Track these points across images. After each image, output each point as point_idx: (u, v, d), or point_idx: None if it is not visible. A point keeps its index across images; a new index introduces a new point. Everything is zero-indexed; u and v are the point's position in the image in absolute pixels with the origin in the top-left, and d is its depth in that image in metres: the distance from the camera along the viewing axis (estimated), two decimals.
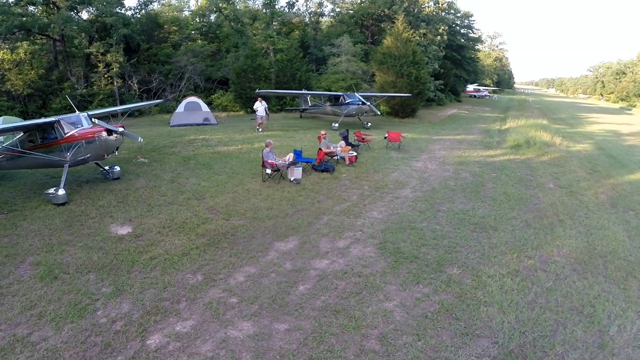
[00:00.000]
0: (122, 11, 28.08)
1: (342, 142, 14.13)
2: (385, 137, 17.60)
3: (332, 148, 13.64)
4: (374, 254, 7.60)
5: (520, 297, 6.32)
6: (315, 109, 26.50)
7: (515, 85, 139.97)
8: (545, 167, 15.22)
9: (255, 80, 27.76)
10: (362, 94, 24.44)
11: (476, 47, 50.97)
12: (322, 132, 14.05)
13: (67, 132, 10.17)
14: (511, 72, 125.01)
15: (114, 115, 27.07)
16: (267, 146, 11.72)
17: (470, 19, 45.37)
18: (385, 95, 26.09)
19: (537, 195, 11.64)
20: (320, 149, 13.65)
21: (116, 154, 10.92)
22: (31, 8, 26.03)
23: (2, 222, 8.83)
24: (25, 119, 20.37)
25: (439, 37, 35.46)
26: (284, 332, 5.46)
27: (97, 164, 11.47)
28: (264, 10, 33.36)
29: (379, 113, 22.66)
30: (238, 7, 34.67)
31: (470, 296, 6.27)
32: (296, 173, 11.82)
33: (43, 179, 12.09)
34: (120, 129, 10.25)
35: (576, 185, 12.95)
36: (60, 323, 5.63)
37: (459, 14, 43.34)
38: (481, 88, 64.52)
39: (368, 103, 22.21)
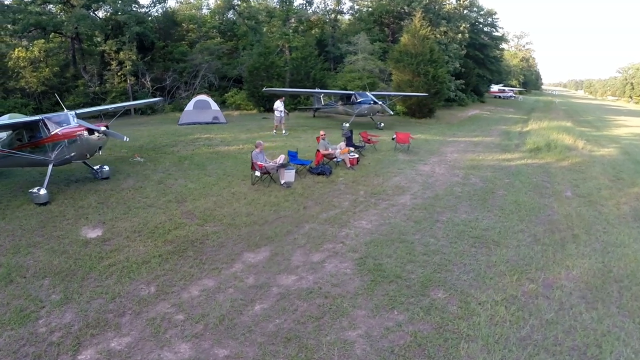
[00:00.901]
0: (137, 9, 27.86)
1: (342, 144, 13.24)
2: (393, 139, 16.59)
3: (330, 150, 12.78)
4: (349, 271, 6.73)
5: (513, 331, 5.33)
6: (327, 109, 25.65)
7: (542, 87, 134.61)
8: (565, 173, 13.89)
9: (268, 79, 27.16)
10: (375, 92, 23.44)
11: (500, 46, 48.73)
12: (322, 132, 13.23)
13: (52, 132, 9.80)
14: (538, 72, 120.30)
15: (126, 112, 27.32)
16: (256, 147, 11.00)
17: (493, 16, 43.33)
18: (399, 95, 24.97)
19: (551, 205, 10.45)
20: (318, 150, 12.83)
21: (100, 153, 10.45)
22: (50, 7, 26.21)
23: None
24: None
25: (460, 35, 33.85)
26: (222, 359, 4.70)
27: (85, 163, 11.04)
28: (280, 8, 32.64)
29: (391, 113, 21.63)
30: (253, 4, 34.11)
31: (451, 328, 5.32)
32: (287, 176, 11.04)
33: (38, 177, 11.72)
34: (103, 128, 9.75)
35: (596, 194, 11.63)
36: (1, 330, 5.26)
37: (482, 12, 41.41)
38: (506, 89, 62.03)
39: (380, 102, 21.20)
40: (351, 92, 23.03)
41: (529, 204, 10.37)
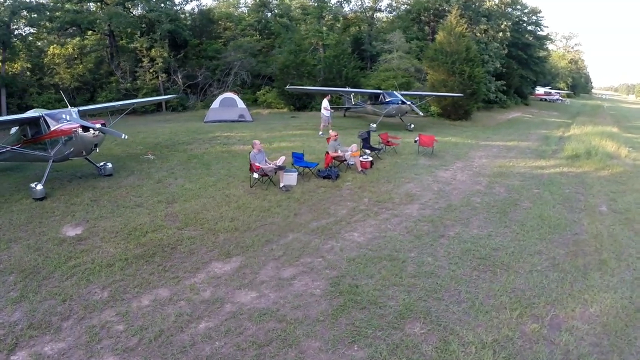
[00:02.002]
0: (169, 7, 28.08)
1: (354, 146, 12.29)
2: (415, 141, 15.39)
3: (339, 152, 11.88)
4: (319, 292, 5.88)
5: None
6: (357, 108, 24.64)
7: (592, 91, 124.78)
8: (602, 184, 12.16)
9: (298, 77, 26.55)
10: (405, 92, 22.19)
11: (545, 46, 45.22)
12: (332, 132, 12.34)
13: (52, 128, 9.68)
14: (588, 75, 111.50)
15: (158, 109, 27.68)
16: (253, 147, 10.32)
17: (538, 15, 40.13)
18: (431, 95, 23.51)
19: (580, 222, 9.01)
20: (327, 152, 11.99)
21: (97, 151, 10.19)
22: (89, 5, 27.00)
23: None
24: None
25: (500, 34, 31.49)
26: None
27: (88, 159, 10.90)
28: (314, 4, 31.88)
29: (421, 114, 20.29)
30: (287, 1, 33.58)
31: None
32: (286, 179, 10.31)
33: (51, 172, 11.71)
34: (98, 126, 9.46)
35: (635, 210, 9.95)
36: None
37: (525, 10, 38.47)
38: (553, 91, 57.94)
39: (409, 102, 19.95)
40: (379, 91, 21.89)
41: (555, 220, 8.98)
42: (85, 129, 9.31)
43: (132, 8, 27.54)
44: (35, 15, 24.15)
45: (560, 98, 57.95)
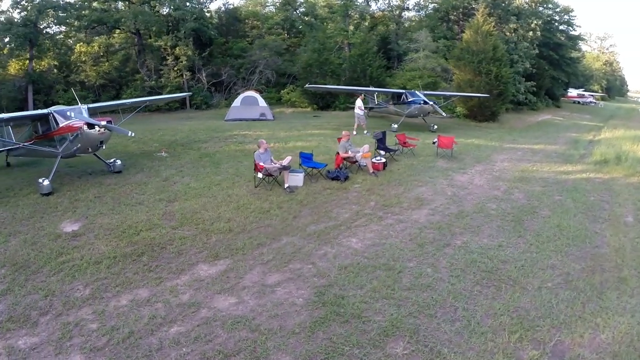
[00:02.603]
0: (193, 6, 28.22)
1: (366, 147, 11.80)
2: (434, 143, 14.70)
3: (350, 152, 11.42)
4: (301, 301, 5.51)
5: None
6: (380, 108, 24.01)
7: (628, 93, 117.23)
8: (631, 192, 11.12)
9: (321, 76, 26.18)
10: (429, 92, 21.40)
11: (577, 46, 42.72)
12: (344, 132, 11.88)
13: (60, 125, 9.77)
14: (623, 78, 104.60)
15: (182, 106, 27.95)
16: (259, 147, 10.03)
17: (570, 14, 37.89)
18: (455, 95, 22.57)
19: (602, 233, 8.19)
20: (337, 152, 11.56)
21: (103, 147, 10.20)
22: (118, 4, 27.57)
23: None
24: None
25: (531, 33, 29.87)
26: None
27: (97, 156, 10.95)
28: (340, 3, 31.34)
29: (444, 115, 19.50)
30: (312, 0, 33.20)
31: None
32: (292, 180, 9.99)
33: (62, 167, 11.86)
34: (103, 123, 9.45)
35: None
36: None
37: (557, 9, 36.40)
38: (586, 94, 54.90)
39: (431, 103, 19.18)
40: (401, 90, 21.20)
41: (574, 230, 8.20)
42: (91, 126, 9.30)
43: (159, 7, 27.87)
44: (63, 14, 24.96)
45: (593, 101, 55.00)
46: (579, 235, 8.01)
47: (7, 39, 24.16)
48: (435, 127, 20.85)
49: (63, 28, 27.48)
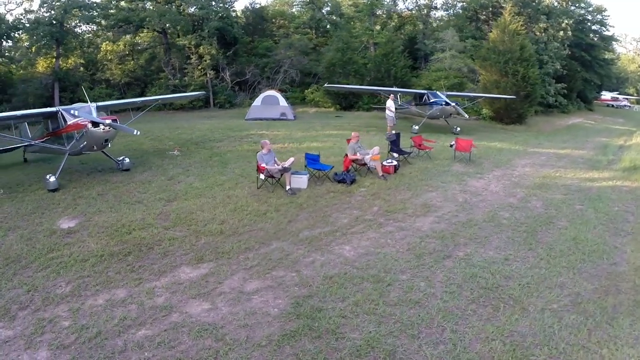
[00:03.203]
0: (218, 5, 28.23)
1: (376, 149, 11.27)
2: (451, 146, 13.97)
3: (358, 155, 10.94)
4: (276, 311, 5.17)
5: None
6: (402, 109, 23.26)
7: None
8: None
9: (344, 75, 25.69)
10: (452, 93, 20.52)
11: (611, 47, 39.95)
12: (354, 133, 11.40)
13: (68, 123, 9.84)
14: None
15: (206, 105, 28.09)
16: (262, 147, 9.73)
17: (603, 14, 35.46)
18: (480, 96, 21.55)
19: (623, 249, 7.37)
20: (346, 154, 11.12)
21: (109, 145, 10.20)
22: (147, 3, 27.98)
23: None
24: None
25: (561, 33, 28.14)
26: None
27: (105, 154, 11.00)
28: (365, 1, 30.65)
29: (466, 116, 18.61)
30: None
31: None
32: (295, 182, 9.64)
33: (75, 163, 12.01)
34: (108, 122, 9.42)
35: None
36: None
37: (589, 8, 34.14)
38: (620, 97, 51.54)
39: (453, 104, 18.34)
40: (423, 91, 20.42)
41: (592, 244, 7.42)
42: (96, 124, 9.29)
43: (184, 6, 28.06)
44: (87, 13, 25.64)
45: (628, 104, 51.66)
46: (596, 250, 7.23)
47: (34, 38, 25.09)
48: (459, 129, 19.99)
49: (90, 27, 28.29)
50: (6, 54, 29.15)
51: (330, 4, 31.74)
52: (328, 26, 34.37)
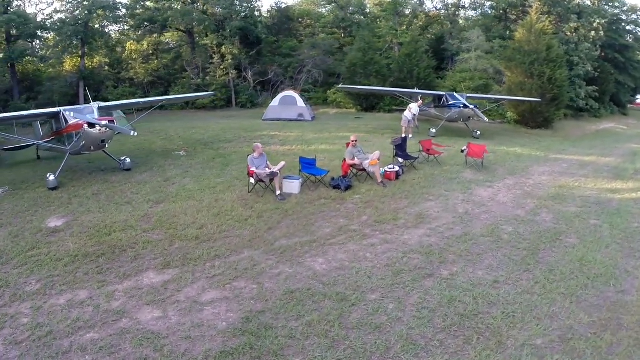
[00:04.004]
0: (240, 6, 28.00)
1: (376, 153, 10.62)
2: (462, 151, 13.07)
3: (356, 160, 10.34)
4: (224, 325, 4.86)
5: None
6: (422, 112, 22.25)
7: None
8: None
9: (365, 76, 24.95)
10: (473, 95, 19.42)
11: None
12: (352, 137, 10.79)
13: (68, 123, 9.87)
14: None
15: (228, 104, 28.03)
16: (254, 150, 9.34)
17: (638, 13, 32.45)
18: (502, 99, 20.24)
19: (635, 274, 6.43)
20: (344, 159, 10.55)
21: (106, 146, 10.16)
22: (173, 3, 28.22)
23: None
24: None
25: (593, 33, 25.97)
26: None
27: (107, 154, 10.98)
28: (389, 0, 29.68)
29: (485, 120, 17.47)
30: None
31: None
32: (286, 187, 9.23)
33: (81, 162, 12.09)
34: (104, 122, 9.34)
35: None
36: None
37: (624, 8, 31.37)
38: None
39: (472, 107, 17.28)
40: (441, 93, 19.41)
41: (600, 267, 6.52)
42: (91, 125, 9.22)
43: (208, 7, 28.01)
44: (110, 14, 26.13)
45: None
46: (604, 274, 6.33)
47: (59, 38, 25.91)
48: (479, 133, 18.85)
49: (117, 27, 28.93)
50: (38, 53, 30.25)
51: (353, 3, 30.89)
52: (352, 26, 33.53)
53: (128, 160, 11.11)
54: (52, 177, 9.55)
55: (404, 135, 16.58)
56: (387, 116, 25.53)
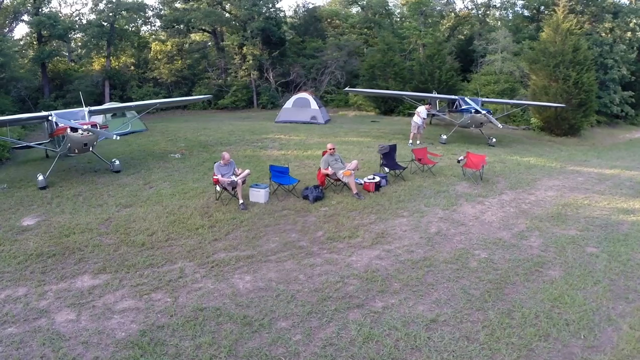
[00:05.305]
0: (261, 7, 27.84)
1: (352, 163, 10.06)
2: (458, 161, 12.14)
3: (329, 170, 9.84)
4: (122, 336, 4.91)
5: None
6: (437, 117, 21.13)
7: None
8: None
9: (383, 78, 24.07)
10: (487, 100, 18.12)
11: None
12: (329, 145, 10.25)
13: (59, 126, 10.20)
14: None
15: (249, 105, 28.07)
16: (222, 159, 9.14)
17: None
18: (521, 104, 18.69)
19: (619, 322, 5.32)
20: (319, 168, 10.10)
21: (89, 149, 10.37)
22: (201, 4, 28.59)
23: None
24: None
25: (629, 34, 23.24)
26: None
27: (96, 155, 11.27)
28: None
29: (499, 126, 16.17)
30: None
31: None
32: (252, 196, 8.99)
33: (82, 163, 12.48)
34: (86, 127, 9.55)
35: None
36: None
37: None
38: None
39: (485, 112, 16.06)
40: (454, 97, 18.26)
41: (576, 311, 5.44)
42: (74, 129, 9.45)
43: (231, 8, 28.13)
44: (135, 15, 26.83)
45: None
46: (577, 321, 5.24)
47: (85, 38, 27.02)
48: (494, 140, 17.54)
49: (144, 28, 29.85)
50: (70, 53, 31.72)
51: (374, 3, 29.88)
52: (374, 27, 32.50)
53: (117, 162, 11.34)
54: (40, 177, 9.92)
55: (413, 141, 15.81)
56: (404, 120, 24.49)
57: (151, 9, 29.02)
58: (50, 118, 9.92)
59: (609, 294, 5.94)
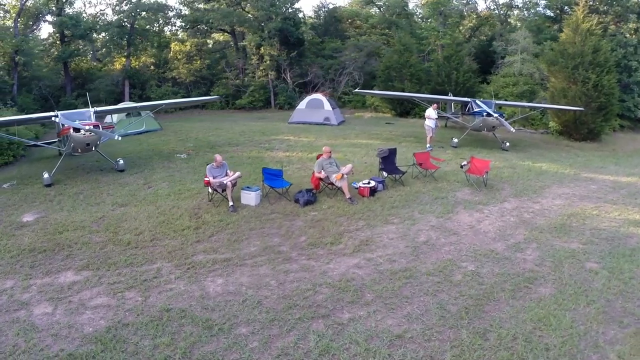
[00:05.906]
0: (278, 7, 27.76)
1: (348, 167, 9.89)
2: (461, 167, 11.70)
3: (322, 173, 9.71)
4: (90, 331, 5.07)
5: None
6: (453, 119, 20.52)
7: None
8: None
9: (399, 80, 23.60)
10: (502, 102, 17.43)
11: None
12: (325, 148, 10.12)
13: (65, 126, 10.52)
14: None
15: (266, 105, 28.15)
16: (215, 161, 9.18)
17: None
18: (537, 107, 17.83)
19: (606, 351, 4.85)
20: (313, 171, 10.00)
21: (92, 149, 10.66)
22: (222, 4, 28.85)
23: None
24: None
25: None
26: None
27: (101, 154, 11.59)
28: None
29: (512, 130, 15.48)
30: None
31: None
32: (243, 198, 9.01)
33: (89, 162, 12.80)
34: (87, 127, 9.82)
35: None
36: None
37: None
38: None
39: (496, 115, 15.44)
40: (467, 99, 17.67)
41: (559, 335, 5.03)
42: (76, 130, 9.74)
43: (250, 9, 28.19)
44: (153, 16, 27.26)
45: None
46: (558, 347, 4.82)
47: (106, 39, 27.65)
48: (508, 144, 16.85)
49: (166, 28, 30.34)
50: (92, 52, 32.60)
51: (391, 3, 29.30)
52: (392, 27, 31.91)
53: (121, 161, 11.62)
54: (46, 175, 10.28)
55: (428, 146, 15.38)
56: (419, 122, 23.85)
57: (171, 9, 29.64)
58: (54, 119, 10.24)
59: (602, 316, 5.46)
